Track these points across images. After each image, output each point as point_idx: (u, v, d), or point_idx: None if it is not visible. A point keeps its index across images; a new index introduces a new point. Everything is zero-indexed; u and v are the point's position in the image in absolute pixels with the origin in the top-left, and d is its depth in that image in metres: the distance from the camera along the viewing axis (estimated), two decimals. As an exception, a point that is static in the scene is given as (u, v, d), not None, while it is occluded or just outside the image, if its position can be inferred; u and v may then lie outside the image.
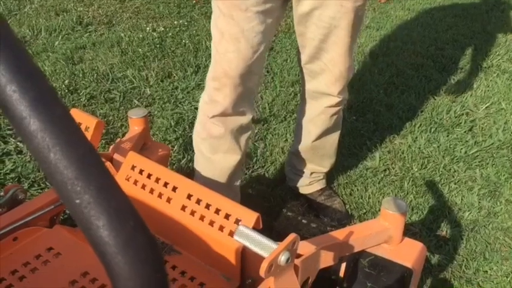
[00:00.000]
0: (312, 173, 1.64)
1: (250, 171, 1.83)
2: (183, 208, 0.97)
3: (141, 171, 1.04)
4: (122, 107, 2.18)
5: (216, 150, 1.40)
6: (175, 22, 3.02)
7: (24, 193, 1.09)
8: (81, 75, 2.40)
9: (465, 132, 2.05)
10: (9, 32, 0.29)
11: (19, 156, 1.79)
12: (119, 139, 1.34)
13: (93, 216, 0.26)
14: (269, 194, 1.72)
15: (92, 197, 0.26)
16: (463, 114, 2.15)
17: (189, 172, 1.76)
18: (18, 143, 1.85)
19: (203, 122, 1.39)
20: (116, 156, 1.21)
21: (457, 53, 2.65)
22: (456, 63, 2.56)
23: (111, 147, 1.28)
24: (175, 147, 1.91)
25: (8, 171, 1.71)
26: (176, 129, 2.03)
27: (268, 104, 2.22)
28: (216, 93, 1.32)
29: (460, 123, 2.10)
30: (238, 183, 1.50)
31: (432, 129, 2.05)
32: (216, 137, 1.38)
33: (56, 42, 2.74)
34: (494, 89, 2.32)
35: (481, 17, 3.06)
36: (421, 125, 2.09)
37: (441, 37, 2.83)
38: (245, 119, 1.38)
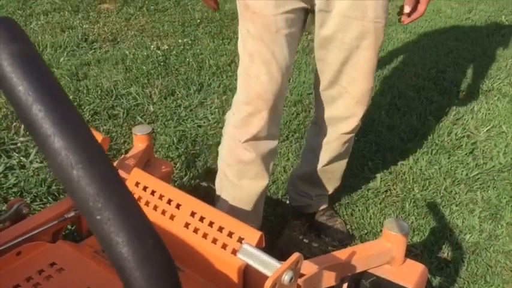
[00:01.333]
0: (315, 195, 1.64)
1: (252, 190, 1.83)
2: (187, 225, 0.97)
3: (145, 188, 1.05)
4: (125, 124, 2.19)
5: (243, 176, 1.38)
6: (180, 41, 3.05)
7: (28, 207, 1.09)
8: (85, 91, 2.43)
9: (466, 154, 2.06)
10: (35, 53, 0.30)
11: (22, 170, 1.80)
12: (122, 155, 1.35)
13: (113, 233, 0.27)
14: (271, 213, 1.72)
15: (112, 214, 0.27)
16: (464, 136, 2.16)
17: (191, 189, 1.76)
18: (21, 158, 1.86)
19: (232, 147, 1.36)
20: (120, 173, 1.22)
21: (458, 76, 2.68)
22: (457, 86, 2.59)
23: (115, 163, 1.29)
24: (178, 165, 1.92)
25: (10, 186, 1.71)
26: (179, 147, 2.04)
27: (270, 123, 2.23)
28: (250, 117, 1.30)
29: (461, 145, 2.11)
30: (261, 210, 1.48)
31: (433, 151, 2.06)
32: (245, 162, 1.35)
33: (61, 59, 2.76)
34: (495, 112, 2.34)
35: (481, 41, 3.10)
36: (422, 146, 2.10)
37: (442, 60, 2.86)
38: (274, 143, 1.38)
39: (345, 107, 1.38)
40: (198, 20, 3.35)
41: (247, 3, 1.24)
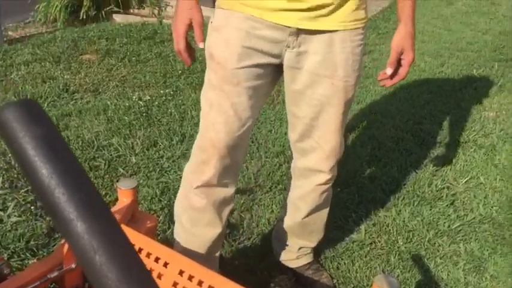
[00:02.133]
0: (300, 248, 1.63)
1: (236, 243, 1.81)
2: (175, 285, 0.95)
3: (132, 246, 1.02)
4: (107, 175, 2.16)
5: (196, 223, 1.39)
6: (161, 91, 3.08)
7: (9, 267, 1.05)
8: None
9: (447, 206, 2.09)
10: (57, 135, 0.30)
11: (-1, 225, 1.75)
12: (107, 211, 1.32)
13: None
14: (256, 267, 1.69)
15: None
16: (444, 188, 2.20)
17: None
18: (-2, 212, 1.81)
19: (186, 192, 1.39)
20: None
21: (434, 127, 2.75)
22: (434, 138, 2.65)
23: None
24: (161, 217, 1.89)
25: (-14, 241, 1.65)
26: (162, 199, 2.01)
27: (253, 175, 2.24)
28: (202, 164, 1.32)
29: (442, 196, 2.14)
30: (217, 254, 1.49)
31: (415, 203, 2.09)
32: (197, 208, 1.37)
33: (42, 109, 2.74)
34: (472, 164, 2.40)
35: (455, 93, 3.21)
36: (404, 198, 2.12)
37: (419, 112, 2.94)
38: (228, 192, 1.38)
39: (317, 160, 1.40)
40: (180, 71, 3.39)
41: (212, 53, 1.26)
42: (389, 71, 1.29)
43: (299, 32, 1.21)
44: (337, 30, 1.22)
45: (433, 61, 3.73)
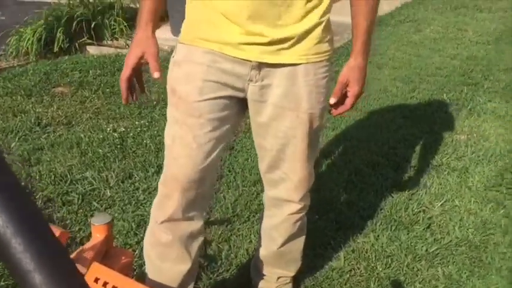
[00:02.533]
0: (278, 278, 1.61)
1: (215, 276, 1.78)
2: (150, 324, 0.92)
3: (105, 284, 0.99)
4: (81, 210, 2.12)
5: (164, 259, 1.37)
6: (137, 122, 3.05)
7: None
8: (38, 177, 2.35)
9: (424, 229, 2.10)
10: (14, 182, 0.29)
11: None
12: (80, 247, 1.29)
13: None
14: (235, 300, 1.66)
15: None
16: (420, 211, 2.22)
17: (151, 279, 1.68)
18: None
19: (152, 228, 1.37)
20: (79, 267, 1.16)
21: (409, 151, 2.79)
22: (409, 162, 2.68)
23: (72, 256, 1.23)
24: (137, 252, 1.84)
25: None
26: (137, 232, 1.97)
27: (231, 204, 2.22)
28: (165, 199, 1.31)
29: (418, 220, 2.15)
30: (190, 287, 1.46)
31: (393, 227, 2.09)
32: (164, 244, 1.35)
33: (13, 144, 2.69)
34: (447, 187, 2.43)
35: (427, 117, 3.27)
36: (381, 223, 2.13)
37: (393, 136, 2.98)
38: (195, 225, 1.36)
39: (286, 191, 1.40)
40: (155, 102, 3.37)
41: (174, 88, 1.26)
42: (332, 100, 1.30)
43: (261, 65, 1.21)
44: (299, 64, 1.22)
45: (405, 86, 3.80)
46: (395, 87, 3.78)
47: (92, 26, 4.65)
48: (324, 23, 1.23)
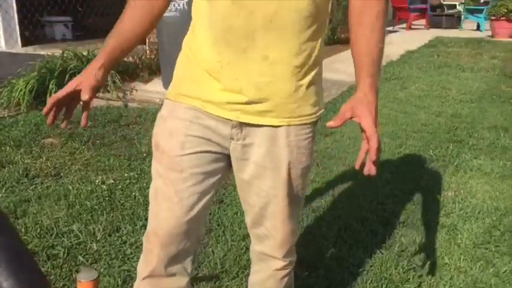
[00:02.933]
0: (268, 337, 1.57)
1: (202, 335, 1.73)
2: None
3: None
4: (66, 264, 2.07)
5: None
6: (126, 174, 3.05)
7: None
8: (23, 229, 2.31)
9: None
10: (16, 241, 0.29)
11: None
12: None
13: None
14: None
15: None
16: (410, 269, 2.20)
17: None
18: None
19: (137, 284, 1.35)
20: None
21: (397, 207, 2.80)
22: (398, 218, 2.69)
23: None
24: (122, 309, 1.79)
25: None
26: (123, 289, 1.93)
27: (219, 260, 2.19)
28: (147, 254, 1.30)
29: (409, 279, 2.13)
30: None
31: (383, 285, 2.07)
32: None
33: (-1, 195, 2.66)
34: (436, 244, 2.42)
35: (414, 173, 3.31)
36: (372, 280, 2.10)
37: (381, 191, 3.00)
38: (179, 282, 1.33)
39: (271, 247, 1.37)
40: (145, 154, 3.38)
41: (158, 142, 1.27)
42: (330, 124, 1.04)
43: (242, 125, 1.20)
44: (281, 126, 1.21)
45: (392, 142, 3.87)
46: (382, 143, 3.83)
47: (85, 78, 4.71)
48: (311, 84, 1.21)
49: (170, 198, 1.24)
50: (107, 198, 2.69)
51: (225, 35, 1.14)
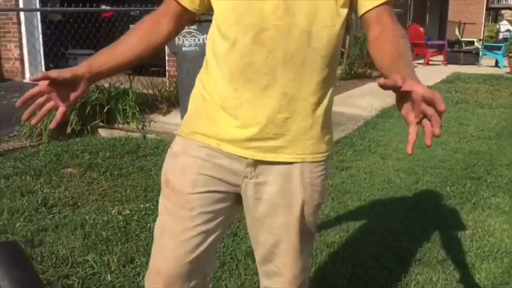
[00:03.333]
0: None
1: None
2: None
3: None
4: (80, 295, 2.08)
5: None
6: (142, 205, 3.08)
7: None
8: (39, 259, 2.33)
9: (430, 328, 2.03)
10: (36, 280, 0.31)
11: None
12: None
13: None
14: None
15: None
16: (426, 308, 2.16)
17: None
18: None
19: None
20: None
21: (413, 244, 2.77)
22: (414, 255, 2.65)
23: None
24: None
25: None
26: (135, 321, 1.92)
27: (232, 294, 2.17)
28: None
29: (425, 318, 2.09)
30: None
31: (398, 325, 2.03)
32: None
33: (17, 224, 2.70)
34: (453, 283, 2.38)
35: (431, 210, 3.27)
36: (386, 319, 2.07)
37: (397, 228, 2.97)
38: None
39: (280, 285, 1.35)
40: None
41: (168, 179, 1.25)
42: (381, 81, 0.91)
43: (257, 163, 1.21)
44: (295, 162, 1.22)
45: (408, 178, 3.84)
46: (399, 178, 3.82)
47: (105, 109, 4.83)
48: (325, 121, 1.23)
49: (177, 237, 1.23)
50: (122, 229, 2.72)
51: (244, 73, 1.16)
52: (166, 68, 7.32)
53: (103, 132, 4.80)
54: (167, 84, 6.01)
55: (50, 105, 1.16)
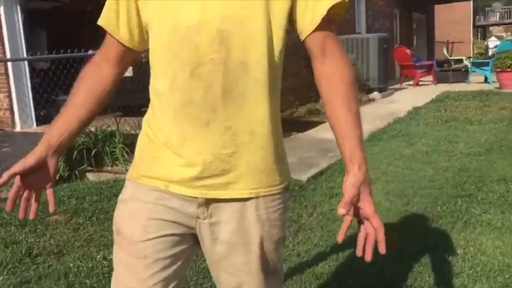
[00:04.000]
0: None
1: None
2: None
3: None
4: None
5: None
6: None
7: None
8: (19, 312, 2.28)
9: None
10: None
11: None
12: None
13: None
14: None
15: None
16: (417, 336, 2.10)
17: None
18: None
19: None
20: None
21: (403, 270, 2.71)
22: (405, 281, 2.60)
23: None
24: None
25: None
26: None
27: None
28: None
29: None
30: None
31: None
32: None
33: (0, 278, 2.65)
34: (444, 307, 2.32)
35: (421, 232, 3.23)
36: None
37: (386, 254, 2.91)
38: None
39: None
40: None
41: (119, 228, 1.21)
42: (341, 211, 1.05)
43: (208, 202, 1.16)
44: (249, 198, 1.17)
45: (398, 200, 3.81)
46: (388, 201, 3.78)
47: (93, 153, 4.81)
48: (276, 152, 1.18)
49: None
50: (106, 275, 2.66)
51: (186, 109, 1.12)
52: (156, 107, 7.34)
53: (91, 176, 4.77)
54: (155, 123, 6.01)
55: (25, 195, 1.25)
